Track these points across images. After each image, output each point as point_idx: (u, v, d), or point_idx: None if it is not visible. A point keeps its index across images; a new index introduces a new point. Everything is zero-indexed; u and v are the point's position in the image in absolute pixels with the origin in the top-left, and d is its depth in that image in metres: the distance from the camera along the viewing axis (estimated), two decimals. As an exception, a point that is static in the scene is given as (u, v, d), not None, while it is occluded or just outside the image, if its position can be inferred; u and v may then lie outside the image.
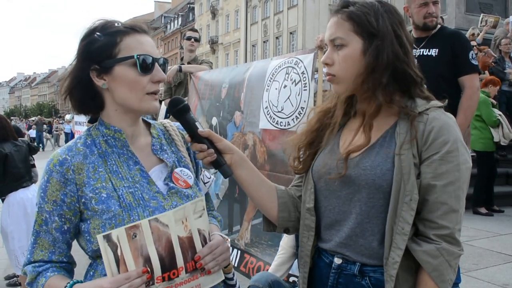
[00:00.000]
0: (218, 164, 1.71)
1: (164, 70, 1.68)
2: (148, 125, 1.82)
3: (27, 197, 5.17)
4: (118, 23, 1.66)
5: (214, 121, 5.38)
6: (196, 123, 1.69)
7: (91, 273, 1.64)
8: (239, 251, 4.90)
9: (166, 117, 6.29)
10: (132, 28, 1.64)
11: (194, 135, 1.68)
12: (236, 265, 4.79)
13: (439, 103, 1.65)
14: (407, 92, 1.66)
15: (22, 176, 5.23)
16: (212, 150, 1.68)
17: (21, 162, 5.23)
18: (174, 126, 1.87)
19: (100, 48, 1.60)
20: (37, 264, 1.60)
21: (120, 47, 1.60)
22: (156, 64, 1.64)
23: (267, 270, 4.01)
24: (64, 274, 1.61)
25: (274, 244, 4.40)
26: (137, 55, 1.59)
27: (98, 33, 1.61)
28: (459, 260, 1.56)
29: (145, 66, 1.60)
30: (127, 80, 1.60)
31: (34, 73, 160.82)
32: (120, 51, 1.60)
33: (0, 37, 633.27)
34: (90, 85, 1.63)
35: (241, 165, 1.78)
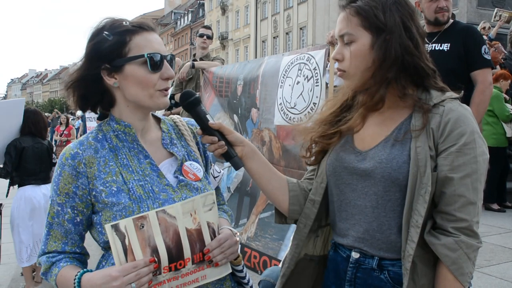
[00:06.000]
0: (229, 156, 1.73)
1: (172, 66, 1.71)
2: (158, 120, 1.84)
3: (36, 194, 5.25)
4: (126, 21, 1.67)
5: (236, 118, 5.42)
6: (207, 116, 1.71)
7: (103, 263, 1.68)
8: (239, 245, 4.89)
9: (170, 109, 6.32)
10: (140, 27, 1.66)
11: (205, 128, 1.71)
12: None
13: (454, 95, 1.64)
14: (420, 84, 1.65)
15: (33, 173, 5.31)
16: (222, 142, 1.70)
17: (36, 160, 5.31)
18: (183, 121, 1.90)
19: (110, 47, 1.62)
20: (51, 254, 1.65)
21: (130, 46, 1.62)
22: (165, 61, 1.66)
23: (275, 265, 4.02)
24: (76, 264, 1.65)
25: (278, 238, 4.43)
26: (147, 54, 1.62)
27: (106, 33, 1.63)
28: (477, 252, 1.55)
29: (155, 64, 1.63)
30: (138, 78, 1.63)
31: (46, 69, 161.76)
32: (130, 50, 1.62)
33: (12, 34, 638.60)
34: (99, 84, 1.66)
35: (252, 157, 1.79)
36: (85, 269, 1.59)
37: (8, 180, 5.47)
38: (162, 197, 1.64)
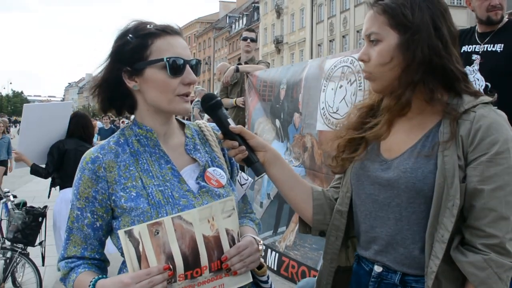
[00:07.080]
0: (250, 162, 1.69)
1: (196, 71, 1.68)
2: (182, 125, 1.82)
3: None
4: (151, 24, 1.66)
5: (277, 123, 5.35)
6: (228, 120, 1.69)
7: (124, 270, 1.66)
8: (277, 254, 4.85)
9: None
10: (163, 30, 1.64)
11: (226, 132, 1.68)
12: (275, 268, 4.76)
13: (487, 99, 1.52)
14: (452, 88, 1.54)
15: (74, 175, 5.34)
16: (243, 147, 1.66)
17: (78, 163, 5.35)
18: (209, 126, 1.87)
19: (132, 50, 1.62)
20: (70, 260, 1.65)
21: (151, 50, 1.61)
22: (188, 66, 1.63)
23: (314, 275, 3.90)
24: (94, 271, 1.64)
25: (318, 248, 4.34)
26: (167, 58, 1.60)
27: (130, 35, 1.63)
28: (511, 273, 1.41)
29: (175, 69, 1.60)
30: (158, 82, 1.61)
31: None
32: (151, 54, 1.61)
33: (70, 39, 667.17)
34: (121, 86, 1.65)
35: (274, 163, 1.73)
36: (99, 276, 1.58)
37: (50, 182, 5.61)
38: (182, 203, 1.61)
